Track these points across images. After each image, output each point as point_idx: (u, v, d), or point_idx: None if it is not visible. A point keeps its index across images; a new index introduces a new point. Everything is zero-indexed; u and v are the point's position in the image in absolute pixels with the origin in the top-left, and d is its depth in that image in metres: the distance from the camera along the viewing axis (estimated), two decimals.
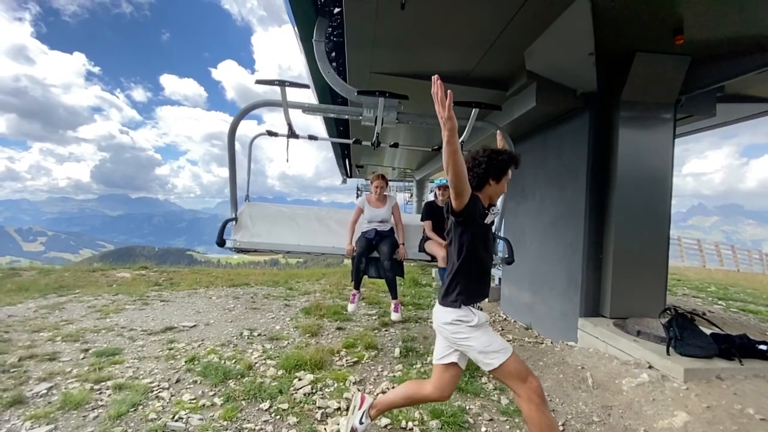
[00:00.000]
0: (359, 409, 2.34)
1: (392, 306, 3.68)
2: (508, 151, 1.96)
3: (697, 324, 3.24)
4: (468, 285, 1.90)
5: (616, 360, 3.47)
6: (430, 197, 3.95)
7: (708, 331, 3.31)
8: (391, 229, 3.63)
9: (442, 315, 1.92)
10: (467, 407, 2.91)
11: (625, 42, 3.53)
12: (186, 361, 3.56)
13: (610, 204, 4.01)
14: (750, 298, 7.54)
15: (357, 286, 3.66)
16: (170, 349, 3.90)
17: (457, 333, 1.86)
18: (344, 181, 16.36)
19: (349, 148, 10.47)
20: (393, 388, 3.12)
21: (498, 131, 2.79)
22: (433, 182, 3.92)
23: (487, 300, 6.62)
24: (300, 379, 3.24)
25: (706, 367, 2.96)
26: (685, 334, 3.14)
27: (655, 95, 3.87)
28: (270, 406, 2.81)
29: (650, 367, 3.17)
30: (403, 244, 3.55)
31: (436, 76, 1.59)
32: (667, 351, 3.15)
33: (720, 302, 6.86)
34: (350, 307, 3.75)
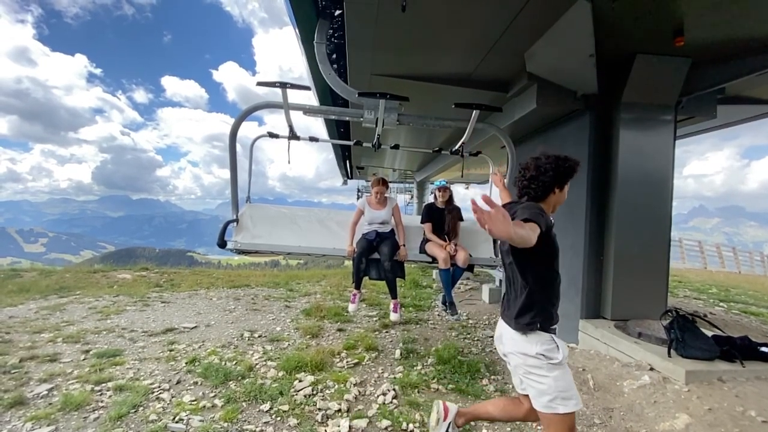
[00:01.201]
0: (444, 420, 2.15)
1: (391, 306, 3.68)
2: (570, 156, 1.82)
3: (699, 326, 3.24)
4: (544, 305, 1.70)
5: (617, 362, 3.46)
6: (430, 199, 3.95)
7: (709, 333, 3.30)
8: (392, 230, 3.64)
9: (521, 344, 1.67)
10: None
11: (626, 44, 3.53)
12: (187, 363, 3.56)
13: (610, 206, 4.01)
14: (751, 299, 7.52)
15: (358, 286, 3.67)
16: (171, 351, 3.90)
17: (535, 368, 1.64)
18: (345, 183, 16.37)
19: (350, 150, 10.48)
20: (394, 389, 3.12)
21: (492, 174, 2.77)
22: (433, 183, 3.92)
23: (487, 301, 6.61)
24: (300, 381, 3.23)
25: (708, 369, 2.95)
26: (686, 336, 3.13)
27: (656, 97, 3.87)
28: (270, 408, 2.81)
29: (651, 369, 3.17)
30: (404, 245, 3.55)
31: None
32: (669, 353, 3.14)
33: (721, 304, 6.84)
34: (351, 307, 3.75)
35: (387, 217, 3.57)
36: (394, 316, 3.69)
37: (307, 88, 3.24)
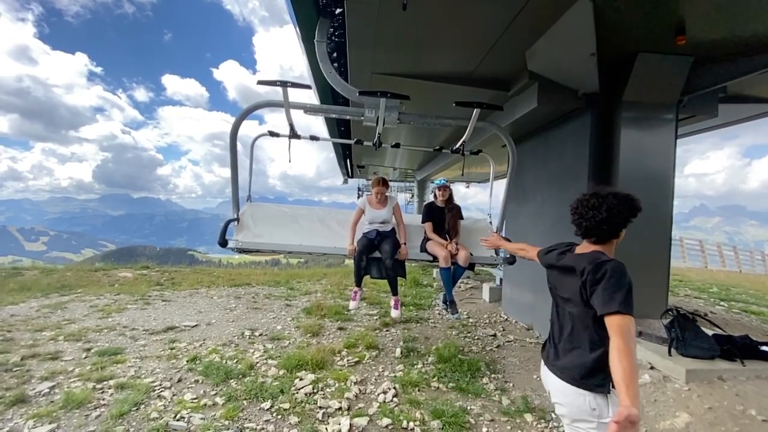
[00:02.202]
0: None
1: (392, 302, 3.68)
2: (632, 195, 1.62)
3: (699, 325, 3.24)
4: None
5: None
6: (431, 198, 3.94)
7: (710, 332, 3.30)
8: (393, 229, 3.63)
9: (577, 399, 1.51)
10: (468, 407, 2.91)
11: (627, 42, 3.52)
12: (187, 361, 3.57)
13: None
14: (752, 299, 7.52)
15: (358, 284, 3.67)
16: (172, 349, 3.92)
17: (583, 423, 1.51)
18: (345, 182, 16.36)
19: (351, 149, 10.47)
20: (394, 388, 3.13)
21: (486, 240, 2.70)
22: (433, 182, 3.92)
23: (488, 300, 6.61)
24: (301, 379, 3.25)
25: (708, 368, 2.95)
26: (686, 335, 3.13)
27: (657, 96, 3.86)
28: (271, 406, 2.82)
29: (652, 368, 3.17)
30: (405, 243, 3.55)
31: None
32: (669, 352, 3.14)
33: (722, 303, 6.84)
34: (352, 305, 3.75)
35: (388, 217, 3.56)
36: (395, 313, 3.68)
37: (308, 86, 3.24)
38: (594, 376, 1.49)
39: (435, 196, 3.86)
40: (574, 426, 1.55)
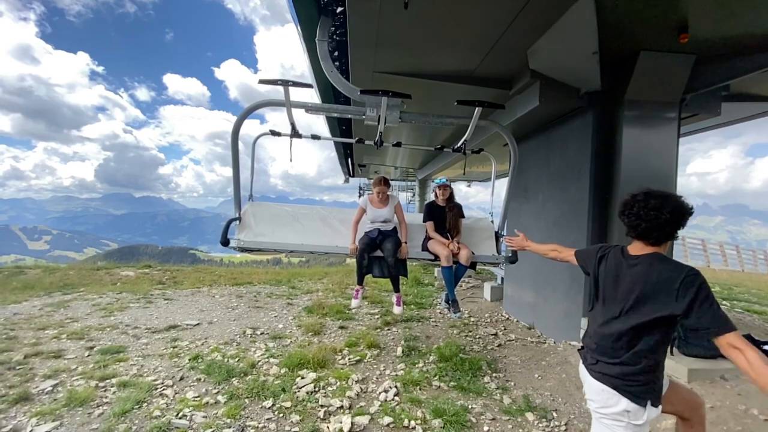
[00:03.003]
0: None
1: (395, 299, 3.70)
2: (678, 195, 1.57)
3: None
4: (659, 376, 1.52)
5: None
6: (432, 197, 3.94)
7: None
8: (395, 228, 3.63)
9: (611, 398, 1.50)
10: (470, 406, 2.91)
11: (630, 41, 3.51)
12: (190, 359, 3.59)
13: (613, 203, 3.99)
14: (754, 298, 7.49)
15: (360, 282, 3.67)
16: (174, 347, 3.93)
17: (613, 422, 1.50)
18: (347, 181, 16.35)
19: (352, 148, 10.46)
20: (395, 386, 3.13)
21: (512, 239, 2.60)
22: (434, 181, 3.91)
23: (489, 299, 6.61)
24: (303, 378, 3.25)
25: (710, 367, 2.95)
26: (689, 334, 3.13)
27: (660, 94, 3.85)
28: (273, 405, 2.83)
29: None
30: (406, 242, 3.55)
31: None
32: (671, 351, 3.14)
33: (724, 302, 6.82)
34: (354, 302, 3.75)
35: (389, 216, 3.56)
36: (397, 310, 3.70)
37: (309, 86, 3.24)
38: (638, 386, 1.46)
39: (436, 195, 3.86)
40: (602, 421, 1.54)
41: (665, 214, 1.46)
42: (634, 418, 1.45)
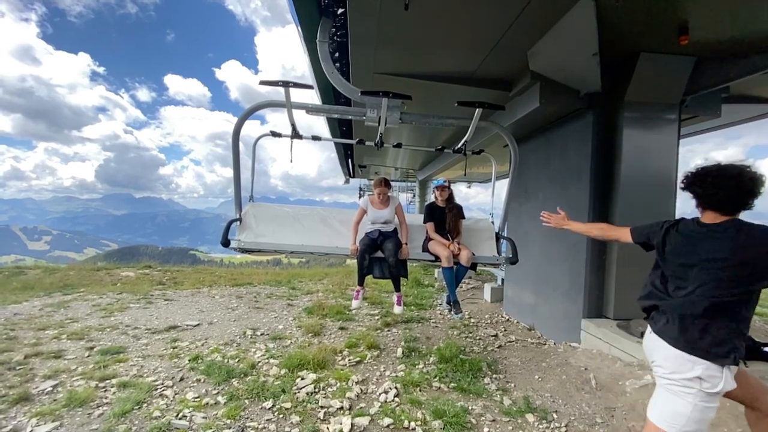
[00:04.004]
0: None
1: (395, 299, 3.71)
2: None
3: None
4: (745, 334, 1.49)
5: (619, 361, 3.45)
6: (432, 198, 3.94)
7: None
8: (395, 229, 3.64)
9: (684, 365, 1.48)
10: (470, 408, 2.91)
11: (630, 42, 3.52)
12: (190, 360, 3.58)
13: (613, 205, 4.00)
14: None
15: (361, 283, 3.68)
16: (174, 348, 3.93)
17: (684, 388, 1.49)
18: (347, 181, 16.37)
19: (352, 148, 10.48)
20: (395, 388, 3.13)
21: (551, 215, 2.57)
22: (434, 182, 3.91)
23: (489, 300, 6.61)
24: (303, 379, 3.25)
25: None
26: None
27: (660, 96, 3.85)
28: (273, 405, 2.82)
29: None
30: (407, 243, 3.55)
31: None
32: None
33: None
34: (354, 303, 3.75)
35: (390, 217, 3.56)
36: (397, 309, 3.71)
37: (310, 87, 3.24)
38: (721, 345, 1.46)
39: (435, 196, 3.86)
40: (670, 388, 1.55)
41: (745, 182, 1.48)
42: (708, 385, 1.45)
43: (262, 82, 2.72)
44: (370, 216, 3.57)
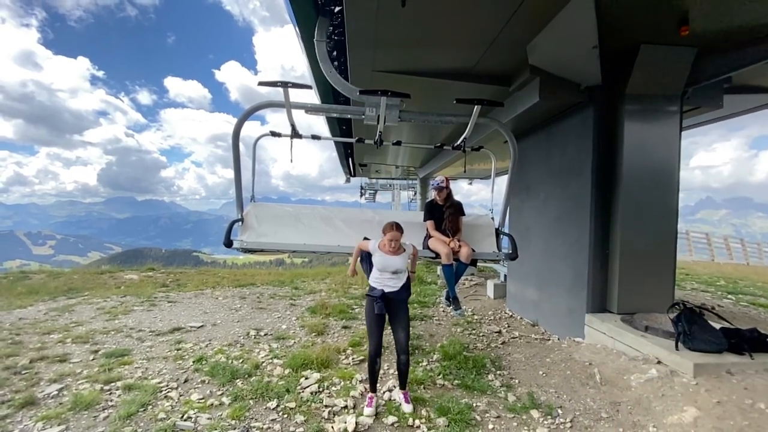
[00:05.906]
0: None
1: (402, 396, 2.99)
2: None
3: (706, 318, 3.21)
4: None
5: (624, 356, 3.44)
6: (431, 196, 3.93)
7: (717, 326, 3.27)
8: (403, 286, 3.09)
9: None
10: (474, 404, 2.91)
11: (630, 34, 3.49)
12: (194, 361, 3.60)
13: (616, 199, 3.98)
14: (760, 291, 7.44)
15: (373, 389, 3.01)
16: (178, 350, 3.94)
17: None
18: (348, 180, 16.36)
19: (353, 147, 10.46)
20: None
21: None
22: (434, 180, 3.89)
23: (492, 297, 6.59)
24: (307, 378, 3.26)
25: (716, 361, 2.93)
26: (694, 328, 3.11)
27: (661, 88, 3.82)
28: (277, 405, 2.83)
29: (659, 362, 3.15)
30: (413, 272, 3.36)
31: None
32: (676, 346, 3.12)
33: (729, 296, 6.78)
34: (366, 411, 2.88)
35: (402, 266, 3.06)
36: (407, 407, 2.90)
37: (309, 87, 3.23)
38: None
39: (434, 195, 3.85)
40: None
41: None
42: None
43: (261, 83, 2.72)
44: (378, 262, 3.06)
